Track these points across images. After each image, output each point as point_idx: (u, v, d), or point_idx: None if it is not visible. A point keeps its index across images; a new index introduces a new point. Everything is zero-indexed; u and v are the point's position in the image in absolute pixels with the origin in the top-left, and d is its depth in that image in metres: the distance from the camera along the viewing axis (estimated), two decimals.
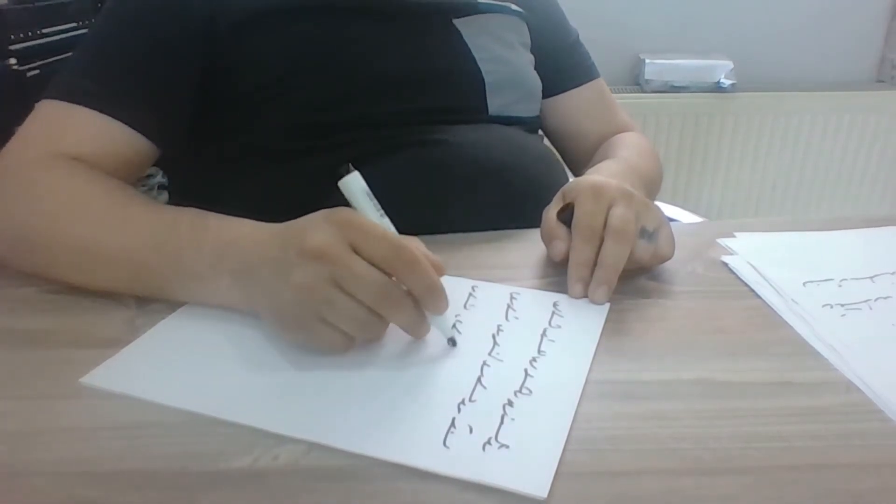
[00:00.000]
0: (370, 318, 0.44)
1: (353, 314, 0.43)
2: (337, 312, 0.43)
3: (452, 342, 0.48)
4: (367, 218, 0.45)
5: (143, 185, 1.35)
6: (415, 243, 0.48)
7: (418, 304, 0.45)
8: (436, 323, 0.47)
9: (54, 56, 1.13)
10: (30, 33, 1.12)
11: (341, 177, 0.45)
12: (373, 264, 0.43)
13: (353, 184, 0.46)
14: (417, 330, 0.47)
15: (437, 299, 0.45)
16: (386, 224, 0.46)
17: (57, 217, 0.55)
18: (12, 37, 1.09)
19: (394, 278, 0.44)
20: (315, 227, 0.44)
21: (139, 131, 0.64)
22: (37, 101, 0.64)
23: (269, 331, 0.49)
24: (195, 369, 0.46)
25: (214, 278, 0.50)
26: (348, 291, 0.43)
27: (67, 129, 0.62)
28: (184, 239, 0.52)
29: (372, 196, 0.46)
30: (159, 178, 1.35)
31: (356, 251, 0.43)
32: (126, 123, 0.63)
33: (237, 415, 0.41)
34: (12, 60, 1.08)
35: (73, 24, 1.20)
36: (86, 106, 0.62)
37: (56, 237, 0.55)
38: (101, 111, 0.62)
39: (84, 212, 0.55)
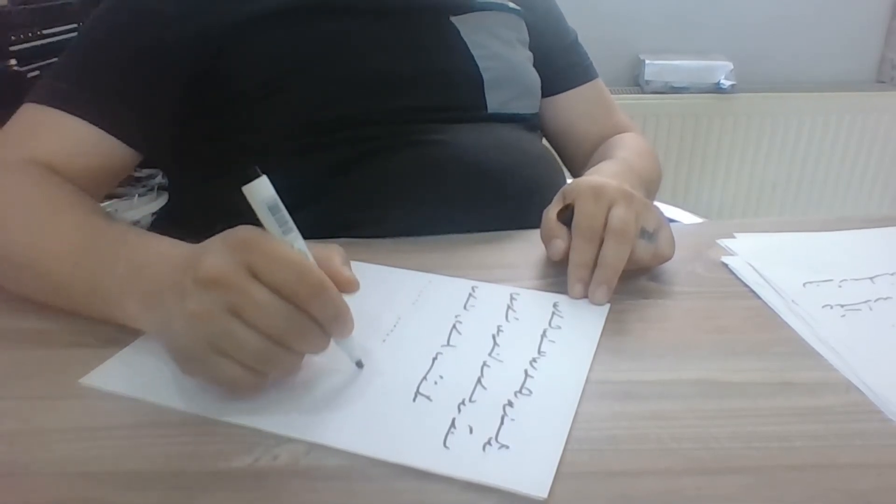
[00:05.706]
0: (277, 351, 0.39)
1: (255, 347, 0.39)
2: (237, 345, 0.39)
3: (360, 365, 0.45)
4: (270, 235, 0.40)
5: (144, 186, 1.35)
6: (329, 252, 0.43)
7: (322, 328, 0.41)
8: (341, 346, 0.43)
9: (54, 57, 1.13)
10: (30, 34, 1.12)
11: (248, 181, 0.39)
12: (274, 290, 0.38)
13: (257, 192, 0.39)
14: (320, 352, 0.42)
15: (344, 326, 0.41)
16: (291, 240, 0.41)
17: None
18: (12, 37, 1.09)
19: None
20: (210, 250, 0.40)
21: (116, 136, 0.63)
22: None
23: None
24: None
25: (122, 302, 0.47)
26: (249, 322, 0.38)
27: (43, 132, 0.62)
28: (102, 255, 0.49)
29: (278, 206, 0.40)
30: (159, 178, 1.35)
31: (256, 276, 0.38)
32: (101, 128, 0.63)
33: (237, 415, 0.41)
34: (12, 61, 1.08)
35: (74, 25, 1.20)
36: (62, 110, 0.62)
37: None
38: (77, 115, 0.62)
39: (15, 218, 0.54)
